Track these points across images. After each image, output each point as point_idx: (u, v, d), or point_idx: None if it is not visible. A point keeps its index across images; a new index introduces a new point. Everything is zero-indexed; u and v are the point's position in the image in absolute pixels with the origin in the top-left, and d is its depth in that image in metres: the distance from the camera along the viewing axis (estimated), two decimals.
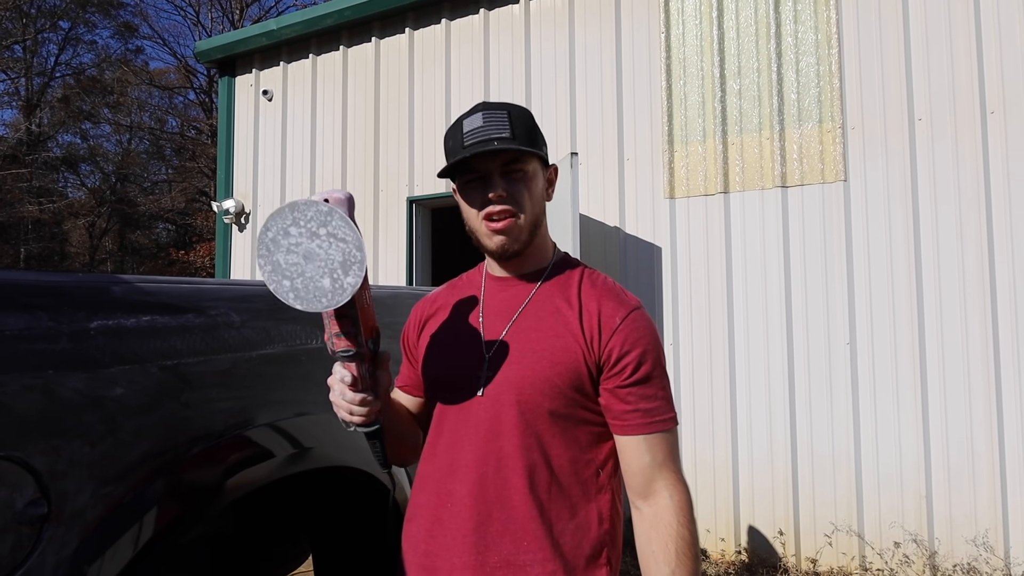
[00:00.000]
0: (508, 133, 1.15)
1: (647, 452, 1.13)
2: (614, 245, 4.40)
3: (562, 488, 1.14)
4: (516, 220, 1.17)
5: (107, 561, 1.13)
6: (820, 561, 3.73)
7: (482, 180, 1.17)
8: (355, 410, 1.11)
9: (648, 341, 1.15)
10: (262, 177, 5.78)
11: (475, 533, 1.13)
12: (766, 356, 3.95)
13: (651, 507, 1.12)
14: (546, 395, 1.13)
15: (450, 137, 1.20)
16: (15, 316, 1.07)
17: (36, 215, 20.08)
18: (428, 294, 1.39)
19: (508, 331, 1.19)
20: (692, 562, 1.08)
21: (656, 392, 1.15)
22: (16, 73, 21.69)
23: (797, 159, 3.97)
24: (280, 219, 0.99)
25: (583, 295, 1.20)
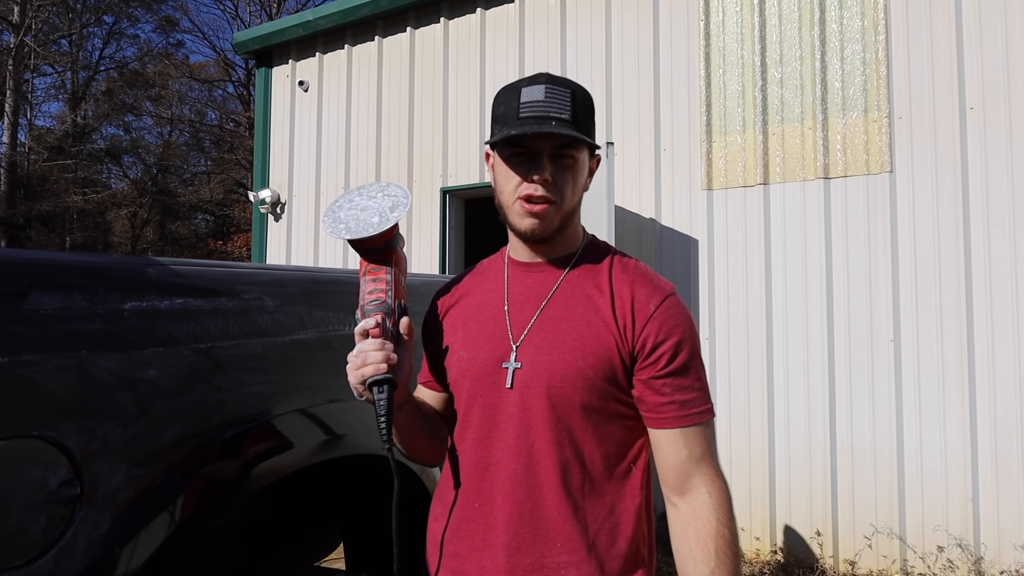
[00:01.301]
0: (568, 115, 1.07)
1: (684, 446, 1.07)
2: (650, 237, 4.33)
3: (595, 486, 1.09)
4: (553, 207, 1.11)
5: (139, 543, 1.13)
6: (859, 563, 3.63)
7: (528, 157, 1.09)
8: (371, 356, 1.03)
9: (684, 329, 1.10)
10: (297, 167, 5.82)
11: (506, 534, 1.08)
12: (805, 352, 3.85)
13: (688, 504, 1.07)
14: (578, 388, 1.07)
15: (503, 102, 1.12)
16: (50, 296, 1.06)
17: (81, 205, 20.59)
18: (447, 282, 1.32)
19: (536, 320, 1.13)
20: (732, 562, 1.03)
21: (692, 383, 1.09)
22: (63, 67, 22.25)
23: (841, 150, 3.86)
24: (347, 193, 1.18)
25: (614, 281, 1.14)
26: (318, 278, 1.61)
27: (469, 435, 1.15)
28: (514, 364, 1.11)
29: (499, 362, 1.12)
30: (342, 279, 1.67)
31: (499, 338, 1.14)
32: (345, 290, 1.63)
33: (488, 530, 1.10)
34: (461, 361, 1.18)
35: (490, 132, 1.16)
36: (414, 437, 1.23)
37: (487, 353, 1.14)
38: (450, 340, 1.22)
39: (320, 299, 1.56)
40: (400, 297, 1.15)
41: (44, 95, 23.19)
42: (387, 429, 1.04)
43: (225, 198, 21.82)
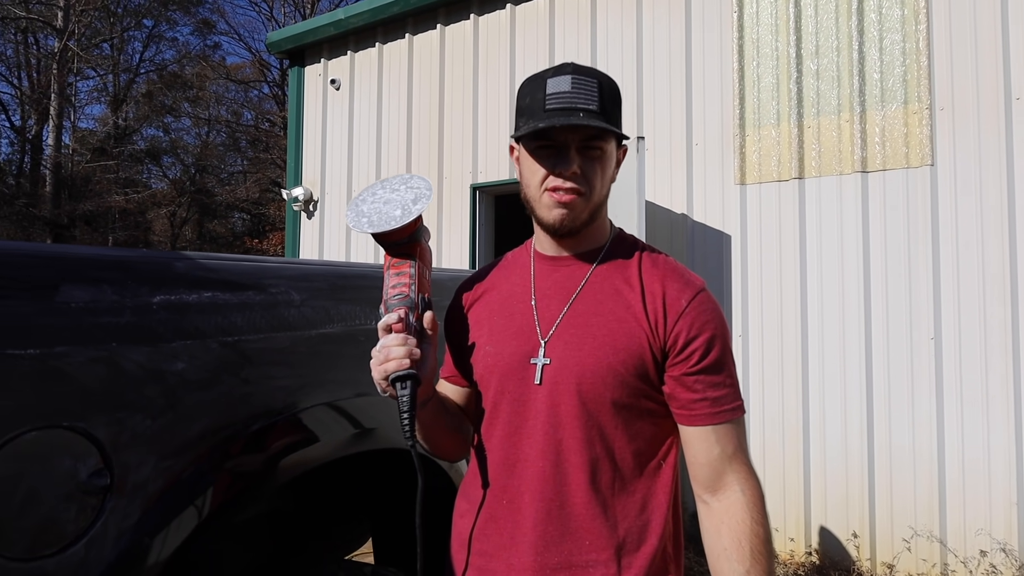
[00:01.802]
0: (596, 105, 1.05)
1: (716, 443, 1.05)
2: (681, 233, 4.27)
3: (625, 484, 1.07)
4: (582, 199, 1.08)
5: (168, 533, 1.14)
6: (897, 567, 3.54)
7: (555, 150, 1.07)
8: (393, 352, 1.02)
9: (716, 325, 1.08)
10: (330, 165, 5.87)
11: (534, 532, 1.07)
12: (842, 350, 3.76)
13: (721, 502, 1.04)
14: (608, 384, 1.05)
15: (528, 94, 1.10)
16: (81, 289, 1.08)
17: (122, 205, 21.09)
18: (470, 276, 1.30)
19: (565, 315, 1.11)
20: (767, 561, 1.01)
21: (724, 379, 1.06)
22: (104, 70, 22.83)
23: (879, 142, 3.76)
24: (371, 187, 1.18)
25: (644, 275, 1.12)
26: (344, 272, 1.61)
27: (496, 431, 1.13)
28: (543, 360, 1.09)
29: (527, 357, 1.11)
30: (368, 273, 1.67)
31: (527, 333, 1.12)
32: (371, 284, 1.63)
33: (516, 528, 1.09)
34: (488, 356, 1.16)
35: (515, 125, 1.14)
36: (438, 433, 1.23)
37: (514, 348, 1.12)
38: (475, 335, 1.20)
39: (347, 293, 1.57)
40: (424, 291, 1.14)
41: (87, 98, 23.86)
42: (410, 425, 1.02)
43: (261, 197, 22.16)
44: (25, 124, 22.03)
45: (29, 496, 0.97)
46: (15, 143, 22.47)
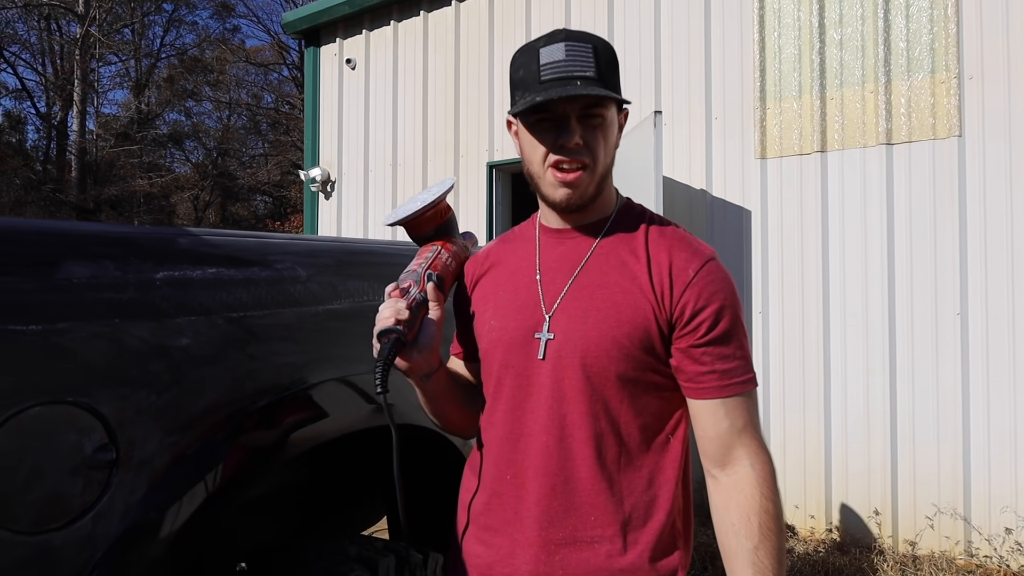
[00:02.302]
0: (593, 72, 1.01)
1: (725, 417, 1.02)
2: (700, 209, 4.21)
3: (632, 459, 1.05)
4: (587, 173, 1.05)
5: (175, 508, 1.15)
6: (920, 544, 3.50)
7: (555, 122, 1.04)
8: (382, 313, 1.06)
9: (726, 295, 1.04)
10: (346, 145, 5.87)
11: (538, 507, 1.05)
12: (864, 326, 3.70)
13: (730, 477, 1.02)
14: (613, 358, 1.03)
15: (522, 66, 1.06)
16: (82, 265, 1.08)
17: (146, 189, 21.34)
18: (478, 251, 1.28)
19: (569, 288, 1.08)
20: (777, 537, 0.98)
21: (734, 351, 1.03)
22: (126, 55, 23.01)
23: (905, 114, 3.66)
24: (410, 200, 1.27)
25: (651, 245, 1.08)
26: (352, 248, 1.60)
27: (500, 406, 1.12)
28: (547, 335, 1.07)
29: (531, 332, 1.09)
30: (376, 250, 1.66)
31: (531, 307, 1.11)
32: (379, 261, 1.62)
33: (520, 503, 1.08)
34: (492, 331, 1.15)
35: (510, 99, 1.11)
36: (447, 407, 1.23)
37: (519, 323, 1.11)
38: (481, 310, 1.19)
39: (354, 269, 1.56)
40: (435, 268, 1.17)
41: (110, 83, 24.06)
42: (381, 376, 1.03)
43: (282, 179, 22.27)
44: (50, 110, 22.33)
45: (34, 470, 0.98)
46: (41, 129, 22.83)
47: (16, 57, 21.61)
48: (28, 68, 22.04)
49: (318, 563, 1.44)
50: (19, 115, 22.57)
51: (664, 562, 1.05)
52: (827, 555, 3.49)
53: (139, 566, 1.10)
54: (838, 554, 3.50)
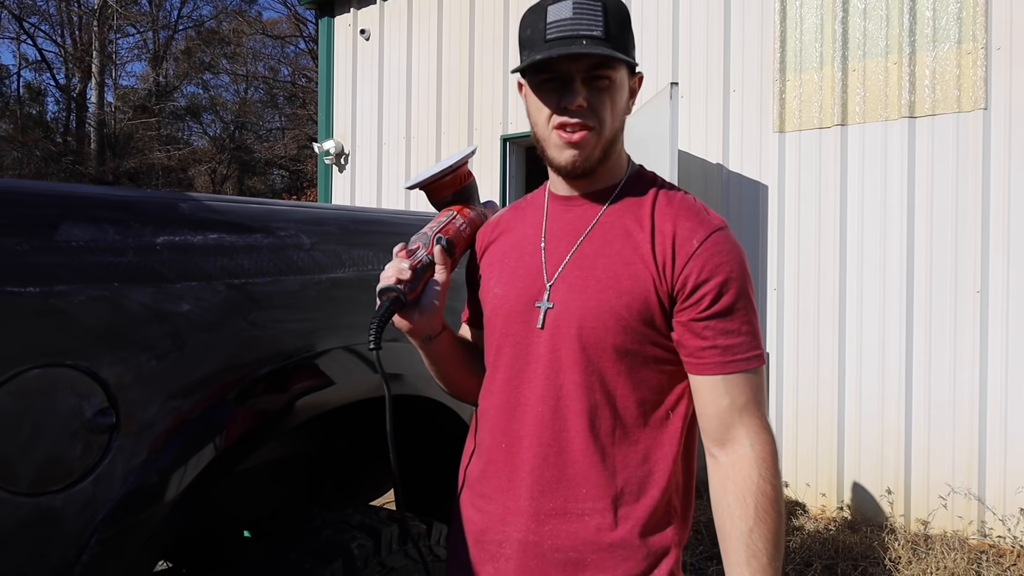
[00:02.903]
0: (600, 31, 0.97)
1: (725, 394, 0.99)
2: (716, 183, 4.15)
3: (628, 432, 1.03)
4: (593, 134, 1.02)
5: (176, 473, 1.15)
6: (932, 524, 3.47)
7: (560, 83, 1.01)
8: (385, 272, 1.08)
9: (732, 267, 1.00)
10: (360, 117, 5.83)
11: (530, 476, 1.05)
12: (881, 303, 3.64)
13: (728, 456, 0.99)
14: (610, 329, 1.00)
15: (529, 24, 1.03)
16: (81, 228, 1.07)
17: (165, 162, 21.43)
18: (491, 218, 1.27)
19: (571, 256, 1.06)
20: (774, 520, 0.95)
21: (739, 326, 0.99)
22: (144, 27, 22.97)
23: (929, 86, 3.56)
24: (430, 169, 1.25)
25: (657, 215, 1.04)
26: (357, 217, 1.58)
27: (499, 375, 1.11)
28: (546, 304, 1.05)
29: (532, 301, 1.07)
30: (382, 219, 1.64)
31: (533, 276, 1.09)
32: (386, 230, 1.60)
33: (514, 472, 1.07)
34: (494, 299, 1.14)
35: (520, 59, 1.07)
36: (455, 371, 1.23)
37: (520, 291, 1.09)
38: (487, 277, 1.18)
39: (360, 238, 1.54)
40: (446, 233, 1.17)
41: (128, 55, 24.09)
42: (375, 332, 1.05)
43: (299, 153, 22.26)
44: (69, 82, 22.42)
45: (34, 432, 0.98)
46: (60, 101, 22.95)
47: (36, 28, 21.69)
48: (47, 39, 22.12)
49: (322, 531, 1.45)
50: (39, 87, 22.71)
51: (656, 538, 1.03)
52: (838, 533, 3.48)
53: (140, 529, 1.11)
54: (849, 532, 3.49)
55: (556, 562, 1.03)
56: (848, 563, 3.15)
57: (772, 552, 0.95)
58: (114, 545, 1.07)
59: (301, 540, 1.42)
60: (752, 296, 1.02)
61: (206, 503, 1.64)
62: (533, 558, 1.04)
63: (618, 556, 1.01)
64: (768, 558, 0.94)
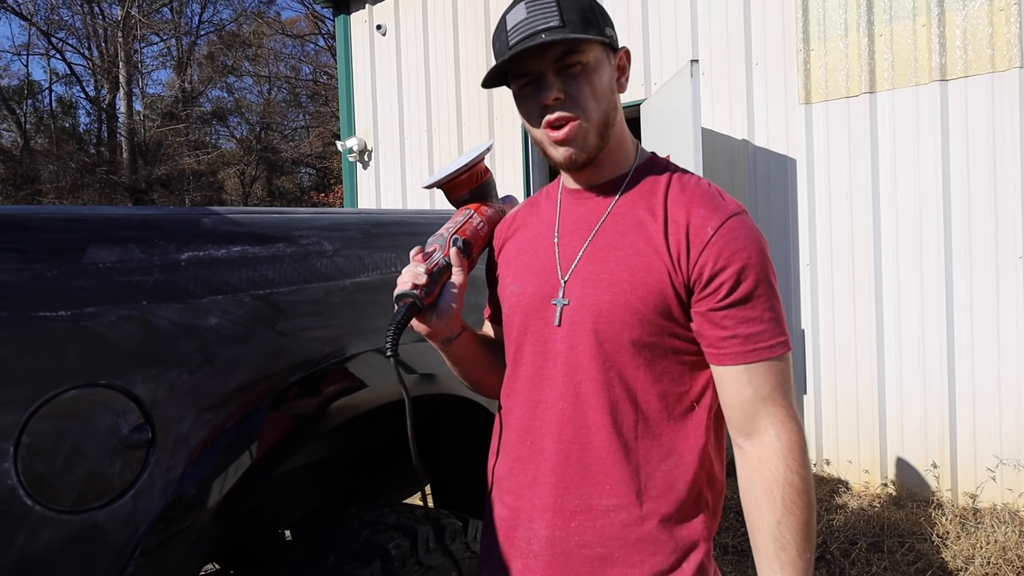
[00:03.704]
0: (556, 21, 0.97)
1: (748, 384, 0.96)
2: (742, 160, 4.07)
3: (650, 426, 1.01)
4: (580, 124, 1.00)
5: (213, 483, 1.17)
6: (981, 497, 3.40)
7: (536, 83, 1.01)
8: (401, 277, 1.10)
9: (749, 254, 0.97)
10: (381, 113, 5.85)
11: (554, 474, 1.05)
12: (919, 274, 3.55)
13: (754, 447, 0.97)
14: (627, 323, 0.99)
15: (496, 39, 1.04)
16: (106, 249, 1.09)
17: (194, 166, 21.81)
18: (508, 214, 1.27)
19: (584, 251, 1.05)
20: (803, 512, 0.93)
21: (760, 314, 0.96)
22: (167, 35, 23.31)
23: (960, 47, 3.44)
24: None
25: (670, 203, 1.02)
26: (378, 220, 1.59)
27: (521, 372, 1.12)
28: (562, 301, 1.05)
29: (547, 298, 1.07)
30: (402, 220, 1.64)
31: (548, 272, 1.09)
32: (407, 231, 1.61)
33: (538, 469, 1.07)
34: (512, 296, 1.14)
35: None
36: (478, 370, 1.24)
37: (535, 288, 1.09)
38: (504, 274, 1.19)
39: (381, 241, 1.55)
40: (462, 233, 1.17)
41: (153, 63, 24.48)
42: (392, 340, 1.06)
43: (324, 151, 22.45)
44: (99, 94, 22.89)
45: (73, 451, 1.00)
46: (91, 113, 23.45)
47: (63, 43, 22.15)
48: (75, 53, 22.59)
49: (360, 532, 1.47)
50: (70, 100, 23.23)
51: (684, 532, 1.02)
52: (882, 509, 3.43)
53: (181, 540, 1.14)
54: (894, 508, 3.43)
55: (584, 558, 1.03)
56: (894, 539, 3.10)
57: (802, 544, 0.93)
58: (157, 556, 1.10)
59: (339, 542, 1.45)
60: (774, 282, 1.00)
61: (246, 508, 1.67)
62: (561, 554, 1.05)
63: (646, 551, 1.01)
64: (798, 550, 0.93)
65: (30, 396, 0.97)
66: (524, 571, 1.09)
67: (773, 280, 0.99)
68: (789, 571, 0.93)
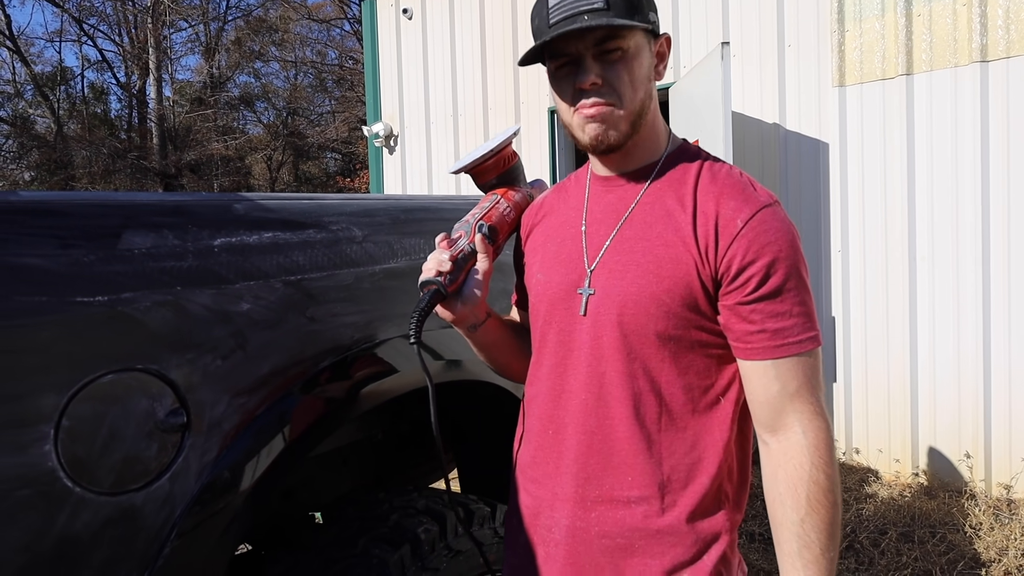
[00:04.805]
0: (601, 2, 0.93)
1: (775, 380, 0.94)
2: (772, 144, 4.00)
3: (674, 419, 1.00)
4: (613, 109, 0.98)
5: (247, 466, 1.19)
6: (1015, 488, 3.33)
7: (573, 64, 0.99)
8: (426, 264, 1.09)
9: (780, 247, 0.94)
10: (407, 98, 5.84)
11: (576, 464, 1.05)
12: (955, 261, 3.47)
13: (780, 443, 0.95)
14: (652, 315, 0.98)
15: (536, 14, 1.01)
16: (142, 235, 1.10)
17: (223, 152, 22.01)
18: (535, 200, 1.26)
19: (612, 240, 1.04)
20: (828, 510, 0.92)
21: (790, 308, 0.94)
22: (195, 20, 23.49)
23: (1003, 26, 3.33)
24: None
25: (699, 193, 1.00)
26: (406, 206, 1.59)
27: (545, 361, 1.11)
28: (588, 290, 1.04)
29: (574, 287, 1.06)
30: (431, 206, 1.64)
31: (575, 261, 1.07)
32: (435, 217, 1.60)
33: (560, 458, 1.07)
34: (538, 285, 1.13)
35: None
36: (504, 355, 1.25)
37: (561, 277, 1.08)
38: (531, 261, 1.18)
39: (410, 227, 1.55)
40: (488, 219, 1.16)
41: (182, 49, 24.74)
42: (416, 326, 1.07)
43: (350, 135, 22.53)
44: (129, 79, 23.18)
45: (111, 435, 1.02)
46: (122, 99, 23.77)
47: (95, 29, 22.44)
48: (106, 39, 22.87)
49: (389, 516, 1.48)
50: (102, 86, 23.56)
51: (705, 524, 1.01)
52: (913, 499, 3.38)
53: (216, 521, 1.16)
54: (925, 498, 3.38)
55: (604, 548, 1.03)
56: (925, 530, 3.06)
57: (826, 543, 0.92)
58: (193, 537, 1.12)
59: (368, 525, 1.46)
60: (805, 275, 0.97)
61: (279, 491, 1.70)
62: (581, 543, 1.05)
63: (666, 542, 1.01)
64: (821, 549, 0.92)
65: (69, 380, 0.99)
66: (546, 559, 1.09)
67: (804, 274, 0.97)
68: (812, 569, 0.92)
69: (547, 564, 1.09)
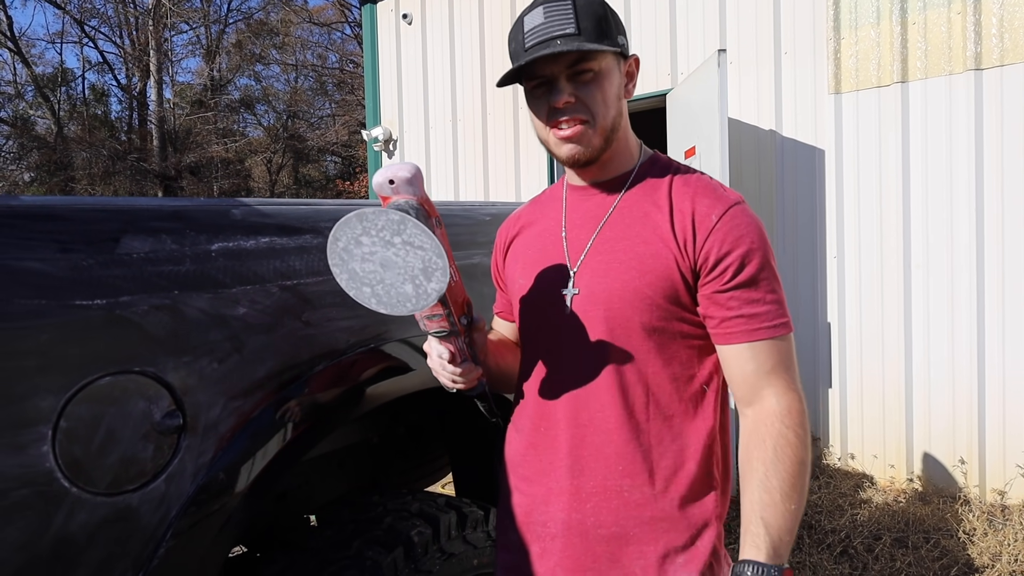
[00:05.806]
0: (573, 28, 1.01)
1: (751, 360, 1.01)
2: (769, 151, 4.02)
3: (662, 409, 1.06)
4: (587, 126, 1.05)
5: (242, 468, 1.20)
6: (1009, 494, 3.35)
7: (548, 85, 1.06)
8: (457, 379, 1.10)
9: (752, 239, 1.01)
10: (406, 103, 5.87)
11: (569, 457, 1.10)
12: (950, 267, 3.49)
13: (755, 412, 1.01)
14: (636, 308, 1.04)
15: (512, 38, 1.08)
16: (140, 240, 1.12)
17: (223, 154, 22.04)
18: (511, 213, 1.31)
19: (592, 243, 1.10)
20: (792, 463, 0.96)
21: (763, 296, 1.01)
22: (196, 23, 23.53)
23: (996, 34, 3.36)
24: (348, 229, 0.93)
25: (674, 195, 1.07)
26: None
27: (534, 363, 1.17)
28: (572, 290, 1.10)
29: (558, 289, 1.12)
30: None
31: (557, 264, 1.14)
32: None
33: (553, 454, 1.12)
34: (522, 290, 1.18)
35: None
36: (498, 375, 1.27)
37: (545, 280, 1.14)
38: (512, 270, 1.23)
39: None
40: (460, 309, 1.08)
41: (183, 51, 24.80)
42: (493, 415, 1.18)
43: (350, 139, 22.56)
44: (130, 82, 23.21)
45: (108, 436, 1.04)
46: (123, 101, 23.80)
47: (96, 31, 22.48)
48: (107, 41, 22.92)
49: (383, 519, 1.50)
50: (103, 88, 23.60)
51: (695, 509, 1.06)
52: (908, 505, 3.39)
53: (211, 523, 1.17)
54: (920, 504, 3.39)
55: (600, 538, 1.07)
56: (919, 535, 3.08)
57: (787, 491, 0.95)
58: (188, 538, 1.14)
59: (363, 527, 1.47)
60: (775, 266, 1.04)
61: (274, 493, 1.71)
62: (577, 536, 1.09)
63: (659, 528, 1.05)
64: (781, 495, 0.95)
65: (67, 382, 1.00)
66: (541, 555, 1.12)
67: (774, 265, 1.04)
68: (768, 512, 0.94)
69: (542, 560, 1.12)
